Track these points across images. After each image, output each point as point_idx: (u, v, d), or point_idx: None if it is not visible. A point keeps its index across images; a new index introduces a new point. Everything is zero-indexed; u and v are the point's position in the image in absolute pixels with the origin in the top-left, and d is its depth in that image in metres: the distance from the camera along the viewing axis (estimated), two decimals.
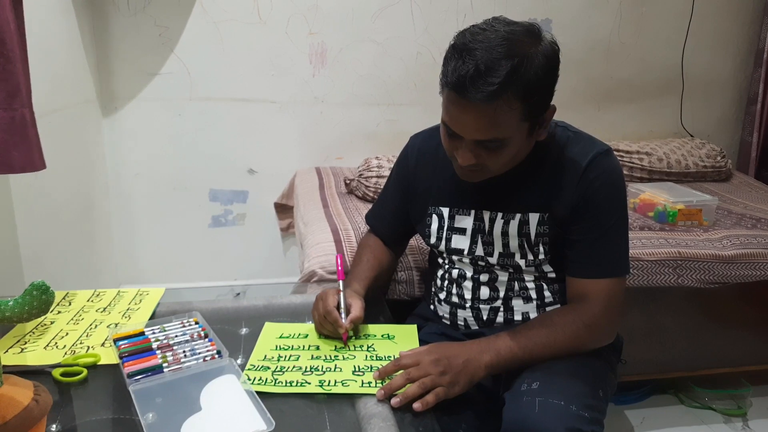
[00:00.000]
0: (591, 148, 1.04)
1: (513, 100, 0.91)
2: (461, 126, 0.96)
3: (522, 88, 0.90)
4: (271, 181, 2.43)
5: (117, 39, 2.21)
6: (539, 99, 0.94)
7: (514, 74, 0.89)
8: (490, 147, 0.96)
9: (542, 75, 0.92)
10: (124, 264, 2.43)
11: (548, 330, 1.01)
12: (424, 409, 0.87)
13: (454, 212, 1.15)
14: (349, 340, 1.03)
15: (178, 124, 2.33)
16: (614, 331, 1.07)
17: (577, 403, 0.92)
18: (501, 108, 0.91)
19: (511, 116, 0.92)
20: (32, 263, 1.64)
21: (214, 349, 0.97)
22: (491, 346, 0.98)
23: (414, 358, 0.93)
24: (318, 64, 2.37)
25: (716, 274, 1.59)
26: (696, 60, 2.62)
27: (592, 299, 1.02)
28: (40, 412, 0.71)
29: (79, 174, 2.08)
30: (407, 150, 1.24)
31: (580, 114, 2.60)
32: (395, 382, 0.89)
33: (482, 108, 0.91)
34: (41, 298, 0.82)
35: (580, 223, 1.04)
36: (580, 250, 1.05)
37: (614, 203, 1.04)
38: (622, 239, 1.06)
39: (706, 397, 1.83)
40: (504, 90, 0.89)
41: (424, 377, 0.90)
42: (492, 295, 1.13)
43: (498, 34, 0.91)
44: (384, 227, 1.29)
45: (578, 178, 1.02)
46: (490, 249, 1.11)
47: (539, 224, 1.06)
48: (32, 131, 1.27)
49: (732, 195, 2.19)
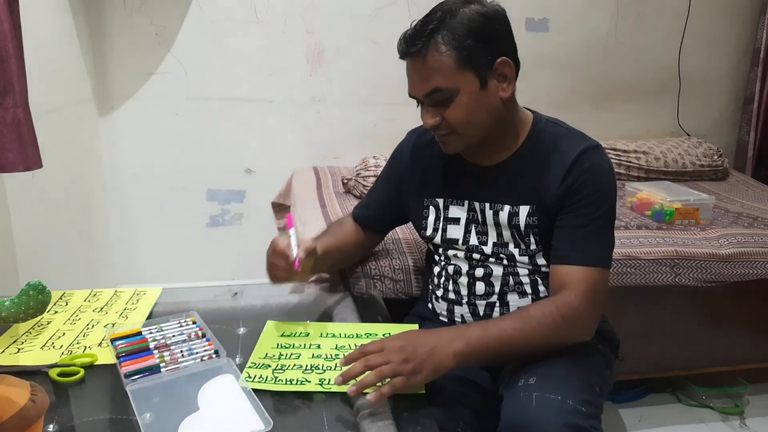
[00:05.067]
0: (581, 143, 1.05)
1: (441, 45, 0.98)
2: (411, 86, 1.04)
3: (449, 33, 0.98)
4: (268, 180, 2.43)
5: (113, 38, 2.21)
6: (474, 46, 0.98)
7: (439, 23, 0.98)
8: (442, 102, 1.01)
9: (472, 24, 0.98)
10: (121, 264, 2.43)
11: (523, 321, 0.98)
12: (377, 400, 0.82)
13: (448, 203, 1.16)
14: (302, 265, 1.01)
15: (174, 123, 2.33)
16: (593, 324, 1.02)
17: (574, 398, 0.92)
18: (432, 55, 0.98)
19: (444, 63, 0.98)
20: (28, 263, 1.64)
21: (212, 349, 0.97)
22: (462, 334, 0.95)
23: (378, 344, 0.90)
24: (315, 63, 2.37)
25: (713, 273, 1.59)
26: (693, 59, 2.62)
27: (571, 288, 1.00)
28: (36, 413, 0.71)
29: (76, 174, 2.07)
30: (403, 144, 1.27)
31: (577, 113, 2.60)
32: (353, 369, 0.86)
33: (416, 59, 1.00)
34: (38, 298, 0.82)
35: (565, 212, 1.04)
36: (563, 236, 1.05)
37: (600, 196, 1.03)
38: (606, 233, 1.05)
39: (704, 396, 1.84)
40: (429, 38, 0.98)
41: (383, 365, 0.86)
42: (487, 290, 1.14)
43: (436, 6, 1.01)
44: (364, 214, 1.31)
45: (566, 169, 1.04)
46: (484, 238, 1.12)
47: (529, 215, 1.07)
48: (26, 130, 1.26)
49: (729, 194, 2.20)
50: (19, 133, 1.23)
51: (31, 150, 1.32)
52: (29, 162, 1.30)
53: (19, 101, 1.23)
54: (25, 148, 1.27)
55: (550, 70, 2.53)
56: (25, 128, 1.28)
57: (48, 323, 1.09)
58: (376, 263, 1.42)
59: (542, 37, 2.49)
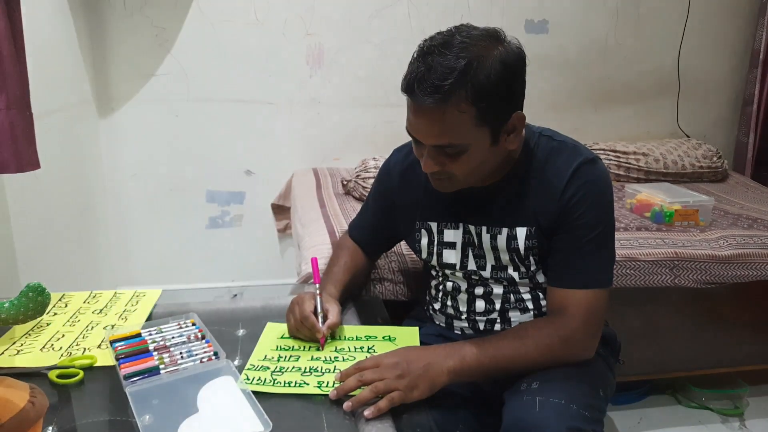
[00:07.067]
0: (575, 158, 1.01)
1: (462, 103, 0.89)
2: (416, 131, 0.95)
3: (472, 91, 0.88)
4: (268, 182, 2.43)
5: (113, 40, 2.21)
6: (494, 104, 0.91)
7: (463, 77, 0.88)
8: (450, 153, 0.95)
9: (497, 79, 0.90)
10: (121, 265, 2.43)
11: (520, 341, 0.98)
12: (374, 415, 0.82)
13: (442, 226, 1.13)
14: (326, 343, 1.03)
15: (174, 125, 2.33)
16: (593, 346, 1.01)
17: (577, 402, 0.92)
18: (451, 111, 0.89)
19: (462, 120, 0.90)
20: (28, 264, 1.64)
21: (211, 351, 0.97)
22: (457, 351, 0.94)
23: (373, 360, 0.91)
24: (315, 65, 2.37)
25: (713, 275, 1.59)
26: (692, 61, 2.63)
27: (570, 312, 0.99)
28: (36, 415, 0.71)
29: (76, 175, 2.07)
30: (389, 165, 1.21)
31: (576, 115, 2.61)
32: (348, 384, 0.87)
33: (433, 111, 0.90)
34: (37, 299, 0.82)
35: (563, 233, 1.02)
36: (561, 259, 1.02)
37: (598, 214, 1.01)
38: (606, 251, 1.03)
39: (704, 397, 1.84)
40: (451, 93, 0.88)
41: (378, 380, 0.86)
42: (488, 308, 1.12)
43: (455, 39, 0.90)
44: (363, 237, 1.28)
45: (562, 187, 1.00)
46: (482, 262, 1.10)
47: (527, 238, 1.04)
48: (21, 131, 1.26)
49: (728, 195, 2.20)
50: (12, 135, 1.22)
51: (27, 151, 1.31)
52: (23, 163, 1.28)
53: (13, 102, 1.22)
54: (19, 149, 1.26)
55: (550, 71, 2.53)
56: (20, 129, 1.27)
57: (47, 325, 1.09)
58: (376, 265, 1.42)
59: (542, 38, 2.50)
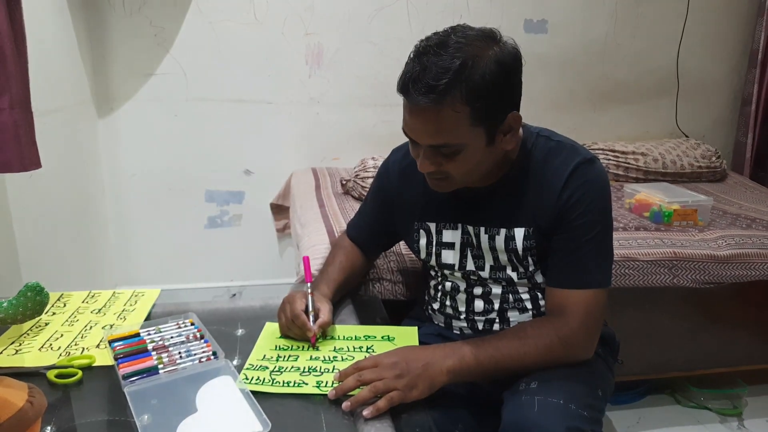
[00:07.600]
0: (573, 158, 1.01)
1: (457, 103, 0.89)
2: (412, 130, 0.96)
3: (467, 90, 0.88)
4: (267, 181, 2.43)
5: (113, 40, 2.21)
6: (489, 104, 0.91)
7: (457, 76, 0.88)
8: (446, 153, 0.95)
9: (492, 79, 0.90)
10: (120, 265, 2.43)
11: (520, 342, 0.98)
12: (373, 415, 0.82)
13: (440, 227, 1.13)
14: (317, 341, 1.03)
15: (174, 124, 2.33)
16: (592, 346, 1.01)
17: (576, 402, 0.92)
18: (446, 111, 0.90)
19: (458, 120, 0.91)
20: (27, 264, 1.64)
21: (210, 351, 0.97)
22: (456, 351, 0.95)
23: (372, 360, 0.91)
24: (314, 64, 2.37)
25: (711, 275, 1.59)
26: (691, 61, 2.63)
27: (569, 312, 0.99)
28: (34, 414, 0.71)
29: (75, 175, 2.07)
30: (388, 165, 1.22)
31: (575, 115, 2.61)
32: (346, 384, 0.87)
33: (428, 111, 0.90)
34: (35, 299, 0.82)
35: (561, 233, 1.02)
36: (560, 259, 1.02)
37: (596, 214, 1.01)
38: (604, 252, 1.03)
39: (702, 397, 1.84)
40: (446, 92, 0.88)
41: (377, 380, 0.86)
42: (486, 308, 1.12)
43: (451, 39, 0.90)
44: (361, 237, 1.28)
45: (560, 187, 1.00)
46: (480, 263, 1.10)
47: (525, 239, 1.04)
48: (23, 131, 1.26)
49: (727, 195, 2.20)
50: (15, 134, 1.23)
51: (29, 151, 1.32)
52: (26, 162, 1.29)
53: (16, 102, 1.23)
54: (22, 148, 1.27)
55: (549, 71, 2.53)
56: (23, 129, 1.28)
57: (46, 324, 1.09)
58: (375, 265, 1.42)
59: (541, 38, 2.50)
